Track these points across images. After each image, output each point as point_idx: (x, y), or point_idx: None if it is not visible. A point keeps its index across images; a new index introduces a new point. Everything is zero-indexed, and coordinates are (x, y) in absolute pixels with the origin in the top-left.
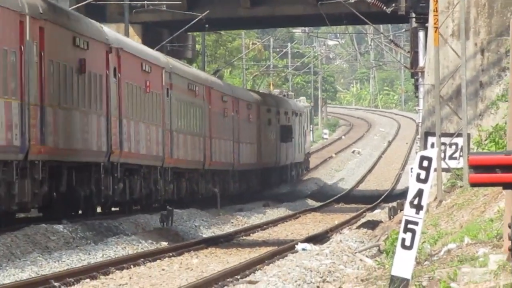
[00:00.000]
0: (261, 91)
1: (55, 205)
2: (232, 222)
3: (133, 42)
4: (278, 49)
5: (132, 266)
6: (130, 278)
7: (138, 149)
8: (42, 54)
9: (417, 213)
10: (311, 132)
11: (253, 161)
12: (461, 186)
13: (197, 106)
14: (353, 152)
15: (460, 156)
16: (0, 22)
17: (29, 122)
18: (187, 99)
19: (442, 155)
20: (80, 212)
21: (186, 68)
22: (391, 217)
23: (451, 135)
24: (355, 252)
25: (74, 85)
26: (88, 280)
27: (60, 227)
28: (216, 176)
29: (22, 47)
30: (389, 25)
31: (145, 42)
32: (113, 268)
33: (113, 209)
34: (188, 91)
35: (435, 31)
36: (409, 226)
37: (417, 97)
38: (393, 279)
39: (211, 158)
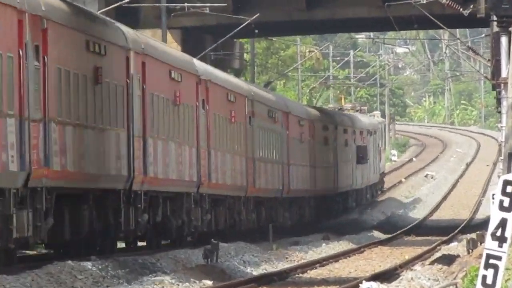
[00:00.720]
0: (330, 106)
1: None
2: (287, 258)
3: (220, 72)
4: (338, 58)
5: None
6: None
7: (224, 180)
8: (144, 87)
9: (500, 246)
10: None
11: (330, 185)
12: None
13: (276, 133)
14: (426, 176)
15: None
16: (111, 59)
17: (134, 154)
18: (268, 126)
19: None
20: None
21: (265, 95)
22: (470, 251)
23: None
24: None
25: (170, 116)
26: None
27: (88, 264)
28: (294, 203)
29: (128, 81)
30: (467, 29)
31: (185, 49)
32: None
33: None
34: (268, 118)
35: None
36: (491, 261)
37: (499, 112)
38: None
39: (289, 186)
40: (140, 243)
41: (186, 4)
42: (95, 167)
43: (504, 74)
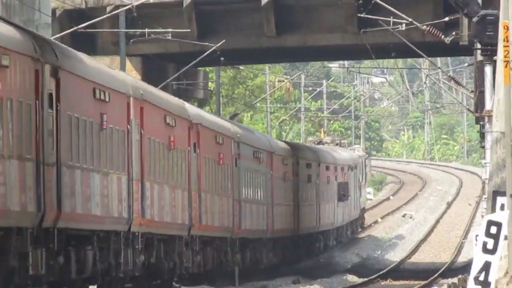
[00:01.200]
0: (310, 139)
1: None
2: None
3: (208, 114)
4: (310, 88)
5: None
6: None
7: (213, 222)
8: (142, 132)
9: None
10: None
11: (312, 224)
12: None
13: (261, 174)
14: (404, 216)
15: None
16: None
17: (133, 197)
18: (253, 167)
19: None
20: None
21: (251, 135)
22: None
23: None
24: None
25: (165, 161)
26: None
27: None
28: (277, 243)
29: (129, 126)
30: (449, 58)
31: (146, 78)
32: None
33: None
34: (253, 159)
35: (506, 66)
36: None
37: (483, 147)
38: None
39: (273, 226)
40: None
41: (146, 30)
42: (100, 209)
43: (488, 106)
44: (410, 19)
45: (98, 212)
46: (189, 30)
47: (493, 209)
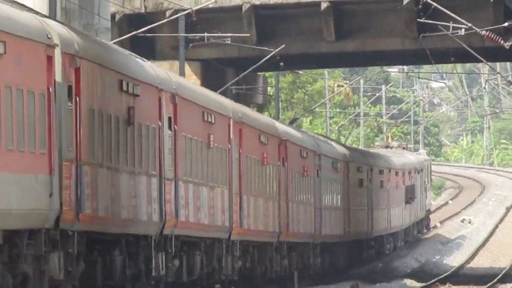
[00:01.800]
0: (377, 144)
1: None
2: None
3: (294, 131)
4: (370, 93)
5: None
6: None
7: (299, 229)
8: (240, 150)
9: None
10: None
11: (384, 226)
12: None
13: (339, 182)
14: (462, 221)
15: None
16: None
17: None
18: (332, 176)
19: None
20: None
21: (330, 148)
22: None
23: None
24: None
25: (259, 176)
26: None
27: None
28: (353, 246)
29: (229, 145)
30: (508, 63)
31: (205, 83)
32: None
33: None
34: (332, 169)
35: None
36: None
37: None
38: None
39: (349, 229)
40: None
41: (206, 34)
42: (208, 219)
43: None
44: (469, 24)
45: (206, 221)
46: (249, 34)
47: None
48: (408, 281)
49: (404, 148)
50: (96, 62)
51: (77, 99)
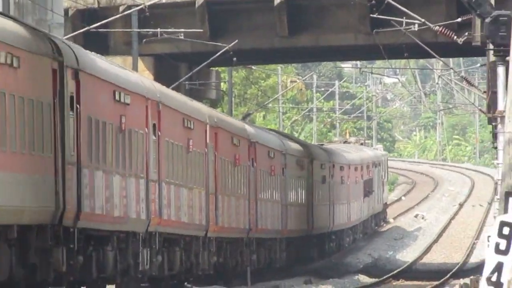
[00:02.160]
0: (336, 139)
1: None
2: None
3: (264, 132)
4: (323, 89)
5: None
6: None
7: (267, 225)
8: (216, 154)
9: None
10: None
11: (344, 221)
12: None
13: (303, 179)
14: (415, 216)
15: None
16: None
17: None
18: (296, 174)
19: None
20: None
21: (296, 147)
22: None
23: None
24: None
25: (232, 177)
26: None
27: None
28: (316, 240)
29: (206, 149)
30: (461, 58)
31: (158, 78)
32: None
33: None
34: (296, 167)
35: None
36: None
37: (495, 148)
38: None
39: (313, 225)
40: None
41: (159, 30)
42: (187, 218)
43: (501, 106)
44: (422, 20)
45: (186, 219)
46: (202, 30)
47: (505, 210)
48: (361, 277)
49: (362, 144)
50: (94, 75)
51: (78, 108)
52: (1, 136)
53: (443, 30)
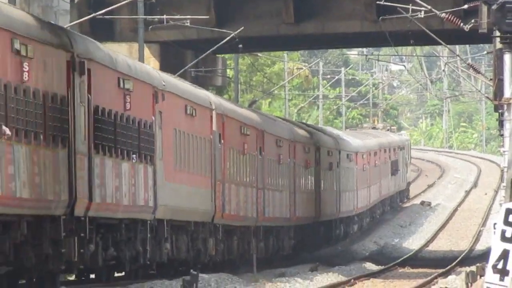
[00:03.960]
0: (365, 125)
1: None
2: None
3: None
4: (329, 76)
5: None
6: None
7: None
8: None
9: (502, 279)
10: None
11: (377, 197)
12: None
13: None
14: (421, 203)
15: None
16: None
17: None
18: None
19: None
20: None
21: (330, 140)
22: (469, 284)
23: None
24: None
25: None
26: None
27: None
28: (344, 222)
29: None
30: (467, 46)
31: (164, 65)
32: None
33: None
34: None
35: None
36: None
37: (501, 135)
38: None
39: (357, 205)
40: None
41: (165, 16)
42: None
43: (507, 94)
44: (429, 7)
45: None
46: (208, 17)
47: (511, 198)
48: (367, 264)
49: (388, 130)
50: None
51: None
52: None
53: (449, 17)
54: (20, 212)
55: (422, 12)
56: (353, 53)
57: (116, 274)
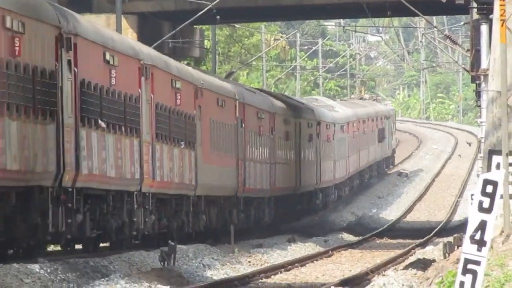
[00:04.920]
0: (353, 96)
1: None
2: (250, 262)
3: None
4: (306, 47)
5: None
6: None
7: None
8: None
9: (479, 250)
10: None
11: (365, 161)
12: None
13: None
14: (399, 174)
15: None
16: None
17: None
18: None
19: (510, 178)
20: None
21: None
22: (447, 255)
23: None
24: None
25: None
26: None
27: (36, 267)
28: (338, 188)
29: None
30: (444, 17)
31: (142, 37)
32: None
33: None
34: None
35: (502, 25)
36: (469, 266)
37: (479, 106)
38: None
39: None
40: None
41: None
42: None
43: (484, 65)
44: None
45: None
46: None
47: (489, 168)
48: (345, 235)
49: (374, 100)
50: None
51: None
52: None
53: None
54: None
55: None
56: (330, 24)
57: (101, 244)
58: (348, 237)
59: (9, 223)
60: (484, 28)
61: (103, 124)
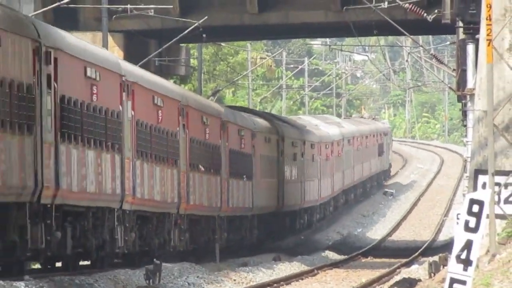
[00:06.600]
0: (354, 115)
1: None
2: (235, 280)
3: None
4: (292, 66)
5: None
6: None
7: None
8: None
9: (465, 269)
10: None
11: (366, 174)
12: None
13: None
14: (384, 193)
15: None
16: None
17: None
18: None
19: (496, 198)
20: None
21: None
22: (432, 274)
23: (507, 173)
24: None
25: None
26: None
27: (21, 285)
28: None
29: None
30: (430, 36)
31: (128, 55)
32: None
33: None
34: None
35: (488, 44)
36: (455, 285)
37: (464, 126)
38: None
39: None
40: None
41: (129, 6)
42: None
43: (470, 84)
44: None
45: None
46: (172, 6)
47: (474, 188)
48: (330, 254)
49: (373, 118)
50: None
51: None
52: None
53: (412, 8)
54: None
55: (386, 3)
56: (317, 43)
57: (81, 263)
58: (334, 256)
59: None
60: (470, 47)
61: (202, 168)
